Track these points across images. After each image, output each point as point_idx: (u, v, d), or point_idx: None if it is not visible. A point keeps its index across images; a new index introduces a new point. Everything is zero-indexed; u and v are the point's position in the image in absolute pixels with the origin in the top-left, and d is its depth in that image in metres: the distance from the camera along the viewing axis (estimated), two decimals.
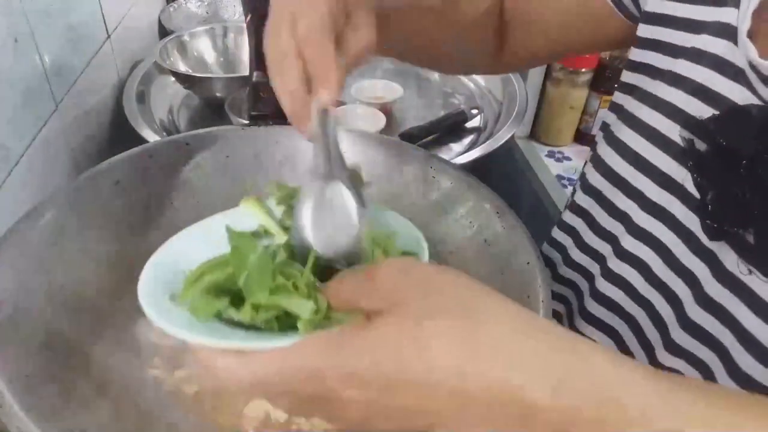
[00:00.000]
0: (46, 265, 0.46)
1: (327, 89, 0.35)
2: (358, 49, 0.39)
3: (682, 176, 0.42)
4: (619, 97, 0.50)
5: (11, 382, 0.36)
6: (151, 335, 0.51)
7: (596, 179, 0.50)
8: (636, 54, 0.48)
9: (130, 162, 0.55)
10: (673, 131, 0.42)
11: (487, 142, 0.86)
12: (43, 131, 0.60)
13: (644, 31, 0.47)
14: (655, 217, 0.44)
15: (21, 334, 0.41)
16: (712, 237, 0.39)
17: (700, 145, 0.39)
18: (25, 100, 0.57)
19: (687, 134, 0.40)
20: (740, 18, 0.38)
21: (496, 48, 0.59)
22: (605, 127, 0.51)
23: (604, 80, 1.01)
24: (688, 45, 0.42)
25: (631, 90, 0.48)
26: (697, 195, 0.40)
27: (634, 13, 0.49)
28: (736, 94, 0.38)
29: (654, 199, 0.44)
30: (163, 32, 1.06)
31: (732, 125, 0.37)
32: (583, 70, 1.00)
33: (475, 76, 1.10)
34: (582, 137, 1.08)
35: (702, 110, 0.40)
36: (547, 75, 1.04)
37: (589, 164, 0.52)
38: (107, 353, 0.46)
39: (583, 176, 0.54)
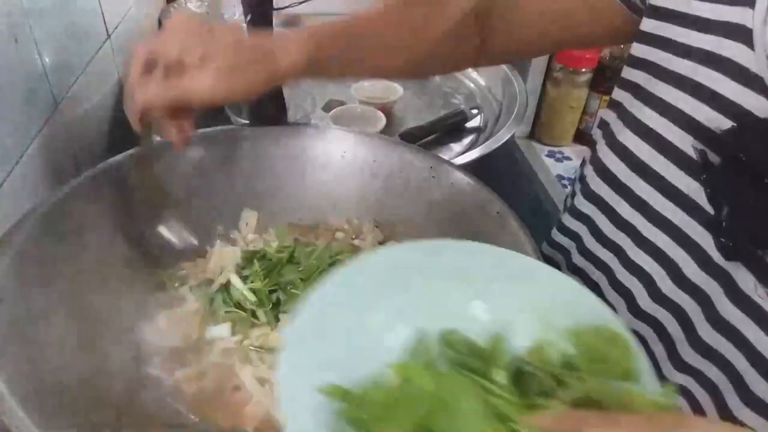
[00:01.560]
0: (46, 265, 0.46)
1: None
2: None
3: (693, 189, 0.39)
4: (619, 95, 0.48)
5: (11, 382, 0.36)
6: (151, 335, 0.51)
7: (597, 184, 0.49)
8: (637, 49, 0.45)
9: (130, 162, 0.55)
10: (681, 140, 0.40)
11: (487, 142, 0.86)
12: (43, 131, 0.60)
13: (648, 25, 0.44)
14: (662, 230, 0.42)
15: (20, 334, 0.41)
16: (728, 256, 0.37)
17: (714, 158, 0.37)
18: (25, 100, 0.57)
19: (700, 146, 0.38)
20: (757, 20, 0.36)
21: (476, 47, 0.57)
22: (604, 126, 0.49)
23: (604, 80, 1.01)
24: (696, 45, 0.40)
25: (633, 88, 0.45)
26: (710, 210, 0.38)
27: (638, 6, 0.47)
28: (752, 102, 0.36)
29: (660, 210, 0.42)
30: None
31: (752, 139, 0.35)
32: (583, 70, 1.00)
33: (475, 76, 1.10)
34: (582, 137, 1.08)
35: (715, 120, 0.37)
36: (547, 75, 1.04)
37: (589, 166, 0.51)
38: (107, 353, 0.46)
39: (582, 179, 0.52)
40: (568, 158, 1.06)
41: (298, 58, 0.45)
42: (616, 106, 0.48)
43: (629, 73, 0.47)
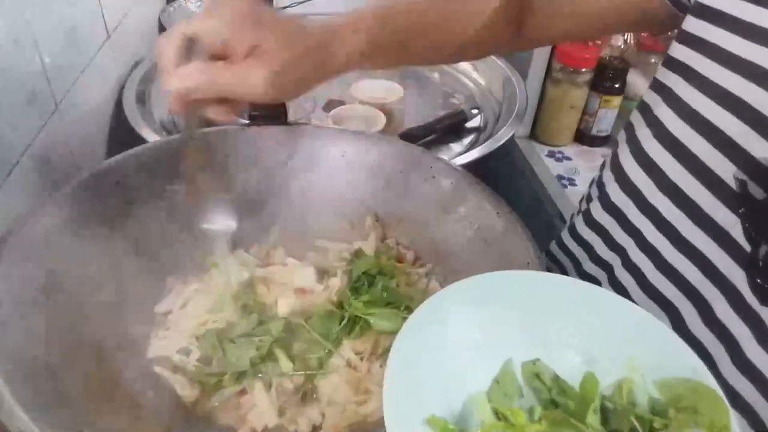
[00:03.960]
0: (46, 265, 0.45)
1: None
2: None
3: (729, 222, 0.36)
4: (650, 97, 0.42)
5: (11, 381, 0.36)
6: (152, 335, 0.51)
7: (618, 196, 0.45)
8: (676, 50, 0.41)
9: (130, 162, 0.55)
10: (719, 164, 0.36)
11: (487, 142, 0.85)
12: (43, 131, 0.60)
13: (690, 24, 0.39)
14: (690, 260, 0.39)
15: (21, 334, 0.41)
16: (763, 300, 0.34)
17: (756, 191, 0.33)
18: (25, 100, 0.57)
19: (741, 175, 0.34)
20: None
21: (510, 36, 0.52)
22: (629, 129, 0.44)
23: (604, 80, 1.01)
24: (744, 56, 0.35)
25: (665, 93, 0.41)
26: (746, 247, 0.35)
27: (684, 3, 0.42)
28: None
29: (690, 239, 0.39)
30: (163, 32, 1.06)
31: None
32: (583, 70, 1.00)
33: (475, 76, 1.10)
34: (582, 137, 1.08)
35: (761, 147, 0.33)
36: (547, 75, 1.04)
37: (609, 174, 0.46)
38: (108, 353, 0.46)
39: (601, 186, 0.48)
40: (568, 158, 1.06)
41: (353, 52, 0.41)
42: (644, 109, 0.43)
43: (664, 75, 0.42)
